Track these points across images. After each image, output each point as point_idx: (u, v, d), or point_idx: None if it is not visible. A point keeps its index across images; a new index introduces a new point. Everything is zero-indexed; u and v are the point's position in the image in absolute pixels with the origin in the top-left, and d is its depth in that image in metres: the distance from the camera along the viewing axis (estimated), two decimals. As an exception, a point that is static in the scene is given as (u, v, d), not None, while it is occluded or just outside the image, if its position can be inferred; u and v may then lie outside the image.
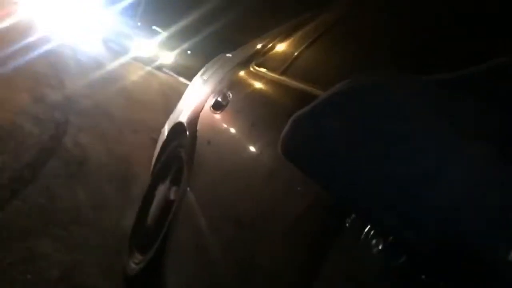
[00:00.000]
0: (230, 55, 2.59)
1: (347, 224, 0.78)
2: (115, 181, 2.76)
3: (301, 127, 0.58)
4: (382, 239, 0.69)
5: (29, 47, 4.95)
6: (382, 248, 0.68)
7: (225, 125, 1.67)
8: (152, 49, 12.71)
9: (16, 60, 4.08)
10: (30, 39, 5.53)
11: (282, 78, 1.62)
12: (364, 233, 0.73)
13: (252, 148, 1.36)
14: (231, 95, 1.78)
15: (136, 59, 10.75)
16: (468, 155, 0.45)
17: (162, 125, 2.64)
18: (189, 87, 2.69)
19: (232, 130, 1.59)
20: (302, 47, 1.81)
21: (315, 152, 0.56)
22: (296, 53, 1.79)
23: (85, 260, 1.87)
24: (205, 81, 2.41)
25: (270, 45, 2.16)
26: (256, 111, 1.53)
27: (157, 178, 2.30)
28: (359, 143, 0.50)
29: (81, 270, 1.80)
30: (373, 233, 0.71)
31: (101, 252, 2.02)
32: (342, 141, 0.52)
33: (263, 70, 1.84)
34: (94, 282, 1.80)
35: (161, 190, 2.16)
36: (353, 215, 0.78)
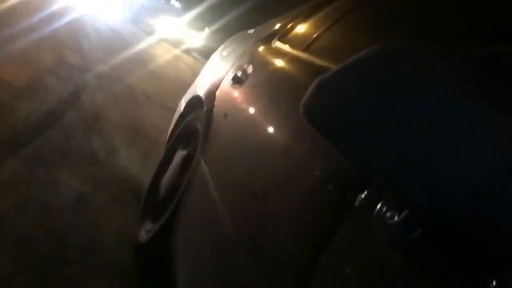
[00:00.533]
0: (251, 31, 2.56)
1: (360, 198, 0.77)
2: (126, 136, 3.13)
3: (326, 89, 0.57)
4: (397, 212, 0.68)
5: (54, 15, 5.07)
6: (396, 221, 0.67)
7: (243, 99, 1.66)
8: (179, 28, 11.52)
9: (43, 27, 4.31)
10: (55, 8, 5.64)
11: (305, 54, 1.60)
12: (377, 208, 0.72)
13: (269, 122, 1.36)
14: (251, 69, 1.76)
15: (163, 39, 10.18)
16: (500, 124, 0.43)
17: (178, 98, 2.69)
18: (208, 62, 2.68)
19: (250, 104, 1.58)
20: (326, 26, 1.78)
21: (339, 115, 0.55)
22: (319, 31, 1.77)
23: (95, 191, 2.21)
24: (224, 56, 2.39)
25: (292, 23, 2.13)
26: (276, 85, 1.52)
27: (171, 149, 2.31)
28: (386, 106, 0.49)
29: (93, 198, 2.16)
30: (387, 207, 0.70)
31: (111, 186, 2.37)
32: (368, 104, 0.51)
33: (285, 46, 1.81)
34: (101, 208, 2.14)
35: (175, 161, 2.18)
36: (366, 191, 0.77)
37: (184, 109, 2.40)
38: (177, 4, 13.11)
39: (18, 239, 1.57)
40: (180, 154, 2.16)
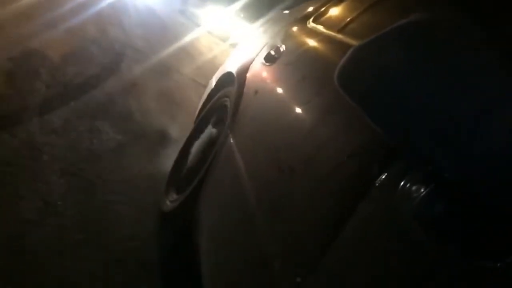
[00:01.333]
0: (286, 12, 2.55)
1: (386, 173, 0.78)
2: (158, 101, 3.56)
3: (362, 56, 0.58)
4: (423, 187, 0.69)
5: None
6: (422, 196, 0.68)
7: (275, 77, 1.67)
8: (228, 20, 10.45)
9: (89, 5, 4.63)
10: None
11: (339, 35, 1.59)
12: (402, 183, 0.73)
13: (299, 100, 1.37)
14: (284, 48, 1.77)
15: (210, 32, 9.66)
16: None
17: (208, 75, 2.81)
18: (241, 40, 2.69)
19: (281, 82, 1.59)
20: (361, 9, 1.76)
21: (373, 81, 0.56)
22: (354, 14, 1.75)
23: (130, 142, 2.65)
24: (258, 35, 2.40)
25: (327, 5, 2.11)
26: (309, 64, 1.53)
27: (200, 123, 2.36)
28: (422, 73, 0.50)
29: (129, 147, 2.60)
30: (413, 182, 0.71)
31: (143, 139, 2.80)
32: (403, 70, 0.52)
33: (319, 27, 1.81)
34: (135, 155, 2.57)
35: (203, 135, 2.22)
36: (392, 167, 0.78)
37: (215, 86, 2.43)
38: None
39: (68, 173, 2.04)
40: (208, 129, 2.20)
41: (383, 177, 0.80)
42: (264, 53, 1.90)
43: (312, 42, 1.71)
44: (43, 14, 3.67)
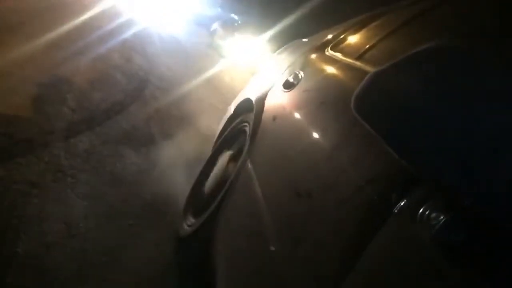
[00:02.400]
0: (305, 40, 2.60)
1: (405, 200, 0.78)
2: (181, 128, 3.72)
3: (379, 82, 0.59)
4: (443, 214, 0.68)
5: (124, 26, 5.57)
6: (442, 223, 0.68)
7: (293, 103, 1.69)
8: (253, 51, 9.71)
9: (115, 35, 4.86)
10: (125, 19, 6.17)
11: (357, 63, 1.61)
12: (422, 209, 0.72)
13: (317, 126, 1.38)
14: (302, 75, 1.80)
15: (234, 61, 9.47)
16: None
17: (227, 100, 2.88)
18: (260, 67, 2.74)
19: (300, 108, 1.61)
20: (380, 37, 1.79)
21: (390, 108, 0.57)
22: (372, 42, 1.78)
23: (152, 166, 2.73)
24: (277, 63, 2.44)
25: (345, 33, 2.15)
26: (327, 91, 1.55)
27: (219, 149, 2.38)
28: (439, 100, 0.51)
29: (152, 172, 2.67)
30: (432, 209, 0.71)
31: (164, 163, 2.86)
32: (421, 97, 0.53)
33: (338, 54, 1.84)
34: (156, 180, 2.64)
35: (221, 160, 2.24)
36: (411, 193, 0.78)
37: (234, 111, 2.47)
38: (236, 18, 12.17)
39: (90, 196, 2.10)
40: (227, 154, 2.22)
41: (402, 203, 0.80)
42: (282, 80, 1.94)
43: (330, 69, 1.73)
44: (72, 44, 3.85)
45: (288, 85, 1.82)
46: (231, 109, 2.58)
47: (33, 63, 3.02)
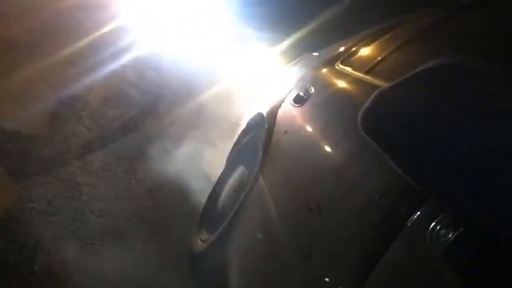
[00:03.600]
0: (316, 54, 2.62)
1: (415, 216, 0.78)
2: (195, 142, 3.62)
3: (386, 99, 0.59)
4: (453, 230, 0.68)
5: (137, 43, 5.66)
6: (451, 239, 0.67)
7: (303, 118, 1.70)
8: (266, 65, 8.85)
9: (129, 51, 4.91)
10: (138, 36, 6.25)
11: (367, 77, 1.62)
12: (432, 225, 0.72)
13: (327, 140, 1.39)
14: (313, 89, 1.81)
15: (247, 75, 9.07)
16: None
17: (240, 115, 2.90)
18: (272, 82, 2.77)
19: (310, 123, 1.62)
20: (388, 50, 1.79)
21: (397, 125, 0.57)
22: (382, 55, 1.78)
23: (167, 182, 2.72)
24: (288, 76, 2.46)
25: (355, 47, 2.16)
26: (337, 105, 1.55)
27: (232, 163, 2.40)
28: (446, 117, 0.51)
29: (167, 187, 2.66)
30: (442, 225, 0.70)
31: (179, 180, 2.81)
32: (427, 115, 0.53)
33: (347, 68, 1.85)
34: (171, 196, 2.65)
35: (234, 174, 2.26)
36: (420, 209, 0.78)
37: (246, 126, 2.48)
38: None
39: (106, 213, 2.11)
40: (239, 168, 2.24)
41: (414, 218, 0.80)
42: (293, 95, 1.95)
43: (340, 84, 1.74)
44: (85, 61, 3.94)
45: (298, 100, 1.83)
46: (243, 123, 2.60)
47: (48, 82, 3.10)
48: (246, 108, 2.79)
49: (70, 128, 2.70)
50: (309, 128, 1.59)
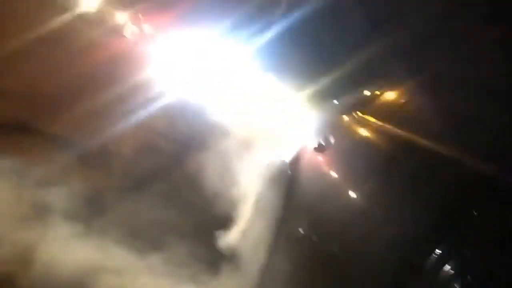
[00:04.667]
0: (336, 102, 2.71)
1: (428, 261, 0.83)
2: (223, 186, 3.34)
3: None
4: (465, 276, 0.72)
5: (163, 93, 5.83)
6: (464, 284, 0.71)
7: (325, 165, 1.77)
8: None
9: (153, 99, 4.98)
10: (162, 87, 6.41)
11: (385, 125, 1.68)
12: (443, 269, 0.77)
13: (348, 186, 1.45)
14: (333, 138, 1.89)
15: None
16: None
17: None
18: (295, 129, 2.85)
19: (331, 170, 1.68)
20: (406, 99, 1.86)
21: None
22: (401, 102, 1.85)
23: (197, 229, 2.81)
24: (310, 124, 2.55)
25: (374, 96, 2.23)
26: (356, 154, 1.62)
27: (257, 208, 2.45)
28: None
29: (196, 235, 2.73)
30: (456, 271, 0.75)
31: (208, 225, 2.85)
32: None
33: (367, 117, 1.92)
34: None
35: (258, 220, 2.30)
36: (434, 255, 0.83)
37: (269, 173, 2.55)
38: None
39: None
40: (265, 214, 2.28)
41: (431, 259, 0.84)
42: (315, 143, 2.03)
43: (359, 131, 1.81)
44: (115, 110, 4.08)
45: (320, 148, 1.91)
46: (267, 170, 2.66)
47: (76, 133, 3.25)
48: (270, 155, 2.82)
49: (101, 176, 2.83)
50: (330, 176, 1.65)
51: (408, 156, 1.27)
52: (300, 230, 1.63)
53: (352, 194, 1.42)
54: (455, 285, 0.72)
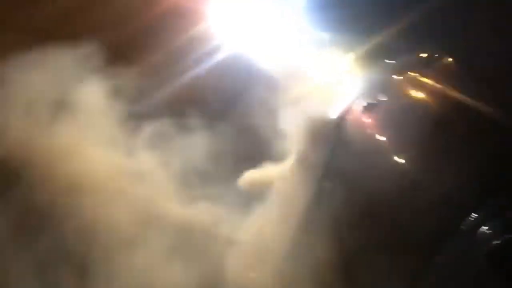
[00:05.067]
0: (388, 61, 2.65)
1: (468, 220, 0.88)
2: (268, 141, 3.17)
3: None
4: (500, 235, 0.77)
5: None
6: (499, 243, 0.77)
7: (372, 124, 1.79)
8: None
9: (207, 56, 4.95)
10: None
11: (440, 87, 1.67)
12: (480, 230, 0.82)
13: (396, 146, 1.48)
14: (383, 98, 1.89)
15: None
16: None
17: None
18: (345, 87, 2.83)
19: (379, 129, 1.71)
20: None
21: None
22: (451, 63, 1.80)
23: None
24: (361, 83, 2.53)
25: (430, 57, 2.17)
26: (406, 114, 1.63)
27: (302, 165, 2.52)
28: None
29: None
30: (493, 230, 0.80)
31: None
32: None
33: (422, 78, 1.89)
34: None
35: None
36: (474, 214, 0.88)
37: (318, 131, 2.58)
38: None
39: None
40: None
41: (468, 221, 0.90)
42: (364, 102, 2.04)
43: (411, 93, 1.80)
44: (171, 64, 4.18)
45: (369, 107, 1.92)
46: (315, 128, 2.70)
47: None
48: (319, 112, 2.79)
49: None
50: (377, 136, 1.68)
51: (460, 120, 1.28)
52: (342, 189, 1.69)
53: (399, 156, 1.46)
54: (495, 242, 0.77)
